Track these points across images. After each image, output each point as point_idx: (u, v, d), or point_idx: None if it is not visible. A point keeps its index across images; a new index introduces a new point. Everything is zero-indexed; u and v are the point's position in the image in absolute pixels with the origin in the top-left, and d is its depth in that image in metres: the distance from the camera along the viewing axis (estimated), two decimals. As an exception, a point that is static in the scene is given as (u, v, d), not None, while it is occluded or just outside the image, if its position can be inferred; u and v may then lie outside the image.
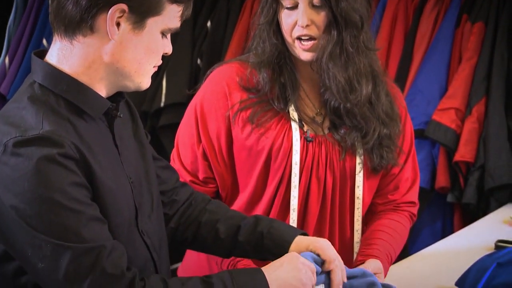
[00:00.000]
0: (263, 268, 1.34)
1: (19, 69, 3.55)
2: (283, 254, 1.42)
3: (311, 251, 1.44)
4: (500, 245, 2.15)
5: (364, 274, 1.46)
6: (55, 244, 1.19)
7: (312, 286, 1.37)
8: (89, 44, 1.29)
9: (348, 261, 1.87)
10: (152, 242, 1.40)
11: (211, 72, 1.81)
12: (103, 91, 1.33)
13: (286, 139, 1.74)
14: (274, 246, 1.48)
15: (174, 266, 1.69)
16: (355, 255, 1.81)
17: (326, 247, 1.44)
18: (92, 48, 1.29)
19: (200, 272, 1.84)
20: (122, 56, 1.30)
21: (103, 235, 1.24)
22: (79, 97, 1.29)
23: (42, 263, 1.20)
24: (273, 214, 1.77)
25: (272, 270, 1.33)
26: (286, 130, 1.75)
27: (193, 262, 1.86)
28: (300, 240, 1.48)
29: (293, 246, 1.48)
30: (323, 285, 1.41)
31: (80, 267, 1.19)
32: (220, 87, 1.77)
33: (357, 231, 1.81)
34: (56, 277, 1.19)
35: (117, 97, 1.37)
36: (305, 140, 1.76)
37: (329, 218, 1.80)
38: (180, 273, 1.93)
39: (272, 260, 1.46)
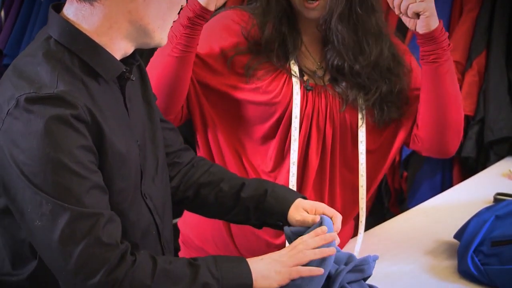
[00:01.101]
0: (250, 260, 1.33)
1: (15, 23, 3.51)
2: (283, 216, 1.44)
3: (315, 214, 1.46)
4: (499, 198, 2.16)
5: (338, 250, 1.46)
6: (55, 204, 1.19)
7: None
8: (111, 4, 1.26)
9: (352, 217, 1.88)
10: (155, 206, 1.40)
11: (214, 15, 1.79)
12: (121, 51, 1.31)
13: (285, 92, 1.73)
14: (277, 204, 1.48)
15: (174, 220, 1.69)
16: (360, 211, 1.81)
17: (326, 207, 1.46)
18: (115, 7, 1.26)
19: (199, 226, 1.85)
20: (147, 14, 1.28)
21: (102, 204, 1.23)
22: (94, 58, 1.28)
23: (39, 221, 1.20)
24: (273, 168, 1.77)
25: (256, 261, 1.32)
26: (285, 83, 1.74)
27: (193, 217, 1.86)
28: (300, 202, 1.49)
29: (293, 207, 1.49)
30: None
31: (76, 231, 1.19)
32: (227, 22, 1.75)
33: (361, 186, 1.81)
34: (51, 237, 1.19)
35: (131, 59, 1.36)
36: (304, 89, 1.74)
37: (329, 172, 1.80)
38: (180, 227, 1.94)
39: (270, 226, 1.49)
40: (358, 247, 1.80)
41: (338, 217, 1.45)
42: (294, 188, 1.74)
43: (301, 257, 1.33)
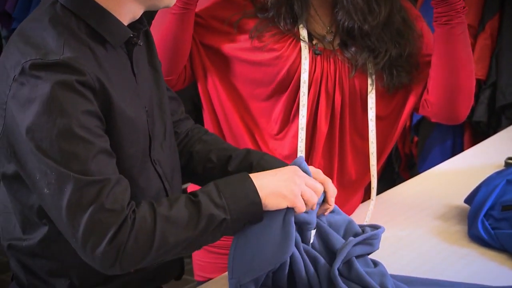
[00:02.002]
0: (254, 176, 1.31)
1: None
2: None
3: None
4: (510, 163, 2.15)
5: (338, 211, 1.44)
6: (60, 172, 1.18)
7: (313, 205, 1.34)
8: None
9: (363, 185, 1.87)
10: (164, 172, 1.40)
11: None
12: (129, 14, 1.30)
13: (292, 54, 1.72)
14: None
15: (184, 186, 1.69)
16: (372, 178, 1.80)
17: (319, 171, 1.42)
18: None
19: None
20: None
21: (109, 169, 1.22)
22: (102, 24, 1.26)
23: (47, 189, 1.20)
24: (278, 131, 1.76)
25: (263, 177, 1.31)
26: (292, 45, 1.72)
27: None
28: None
29: None
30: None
31: (82, 198, 1.18)
32: None
33: (372, 153, 1.80)
34: (60, 204, 1.19)
35: (138, 24, 1.35)
36: (313, 53, 1.73)
37: (339, 138, 1.79)
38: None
39: None
40: (369, 214, 1.80)
41: (329, 183, 1.40)
42: (303, 154, 1.73)
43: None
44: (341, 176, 1.82)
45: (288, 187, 1.29)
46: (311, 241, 1.37)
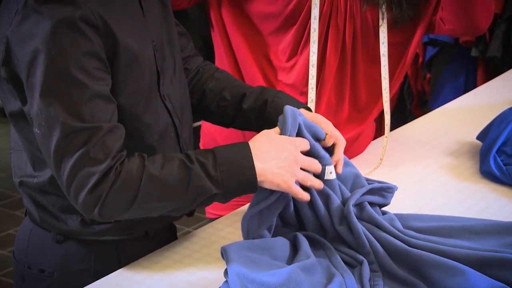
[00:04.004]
0: (255, 153, 1.26)
1: None
2: None
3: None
4: (524, 99, 2.13)
5: (347, 162, 1.43)
6: (49, 116, 1.18)
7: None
8: None
9: (375, 114, 1.86)
10: (174, 107, 1.38)
11: None
12: None
13: None
14: (276, 115, 1.43)
15: (195, 124, 1.68)
16: (385, 115, 1.79)
17: (328, 123, 1.39)
18: None
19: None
20: None
21: (103, 115, 1.21)
22: None
23: (38, 130, 1.20)
24: (290, 65, 1.74)
25: (266, 159, 1.26)
26: None
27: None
28: (303, 113, 1.42)
29: None
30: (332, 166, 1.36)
31: (70, 144, 1.18)
32: None
33: (384, 89, 1.78)
34: (49, 146, 1.19)
35: None
36: None
37: (350, 73, 1.77)
38: (203, 129, 1.94)
39: None
40: (384, 152, 1.79)
41: (339, 137, 1.37)
42: (313, 91, 1.72)
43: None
44: (354, 106, 1.81)
45: (284, 177, 1.26)
46: (329, 178, 1.36)
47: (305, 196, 1.29)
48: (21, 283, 1.41)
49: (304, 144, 1.31)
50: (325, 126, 1.38)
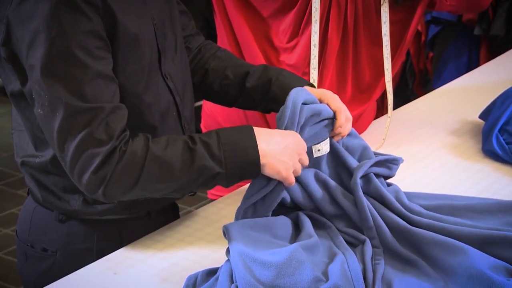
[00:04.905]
0: (260, 136, 1.26)
1: None
2: None
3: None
4: (527, 78, 2.12)
5: (355, 135, 1.43)
6: (52, 97, 1.17)
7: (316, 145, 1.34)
8: None
9: (378, 94, 1.85)
10: (175, 86, 1.38)
11: None
12: None
13: None
14: (281, 93, 1.43)
15: (197, 104, 1.67)
16: (388, 95, 1.78)
17: (334, 98, 1.39)
18: None
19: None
20: None
21: (106, 95, 1.20)
22: None
23: (41, 110, 1.20)
24: (291, 45, 1.74)
25: (270, 141, 1.26)
26: None
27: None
28: (309, 90, 1.42)
29: None
30: (329, 139, 1.37)
31: (73, 125, 1.18)
32: None
33: (387, 69, 1.77)
34: (52, 127, 1.19)
35: None
36: None
37: (353, 54, 1.76)
38: (204, 109, 1.94)
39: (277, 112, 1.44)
40: (386, 131, 1.79)
41: (342, 113, 1.37)
42: (315, 71, 1.72)
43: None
44: (357, 86, 1.81)
45: (286, 166, 1.26)
46: (318, 155, 1.37)
47: (293, 182, 1.30)
48: (24, 262, 1.42)
49: (304, 147, 1.31)
50: (332, 102, 1.37)
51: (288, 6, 1.71)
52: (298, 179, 1.33)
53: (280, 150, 1.26)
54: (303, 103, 1.33)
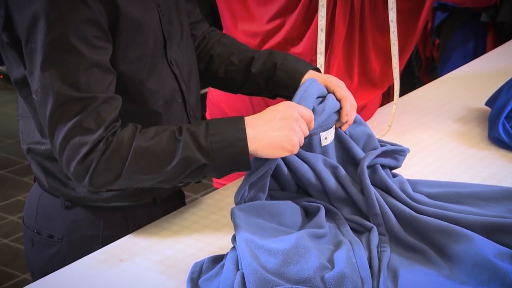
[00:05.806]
0: (248, 123, 1.23)
1: None
2: (294, 88, 1.34)
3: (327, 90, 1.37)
4: (534, 65, 2.11)
5: (360, 122, 1.42)
6: (44, 84, 1.17)
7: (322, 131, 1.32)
8: None
9: (386, 84, 1.85)
10: (181, 72, 1.37)
11: None
12: None
13: None
14: (287, 78, 1.42)
15: (203, 91, 1.67)
16: (395, 81, 1.78)
17: (340, 85, 1.37)
18: None
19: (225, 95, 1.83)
20: None
21: (100, 85, 1.20)
22: None
23: (35, 96, 1.20)
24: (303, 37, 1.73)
25: (257, 125, 1.23)
26: None
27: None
28: (312, 74, 1.42)
29: (305, 79, 1.41)
30: (334, 128, 1.36)
31: (64, 113, 1.18)
32: None
33: (394, 56, 1.76)
34: (44, 113, 1.20)
35: None
36: None
37: (359, 39, 1.76)
38: (209, 98, 1.93)
39: (283, 98, 1.42)
40: (392, 118, 1.79)
41: (347, 101, 1.35)
42: (322, 56, 1.71)
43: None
44: (363, 74, 1.80)
45: (288, 137, 1.22)
46: (325, 143, 1.36)
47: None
48: (31, 248, 1.42)
49: (305, 110, 1.27)
50: (338, 90, 1.35)
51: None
52: (307, 162, 1.32)
53: (272, 126, 1.23)
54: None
